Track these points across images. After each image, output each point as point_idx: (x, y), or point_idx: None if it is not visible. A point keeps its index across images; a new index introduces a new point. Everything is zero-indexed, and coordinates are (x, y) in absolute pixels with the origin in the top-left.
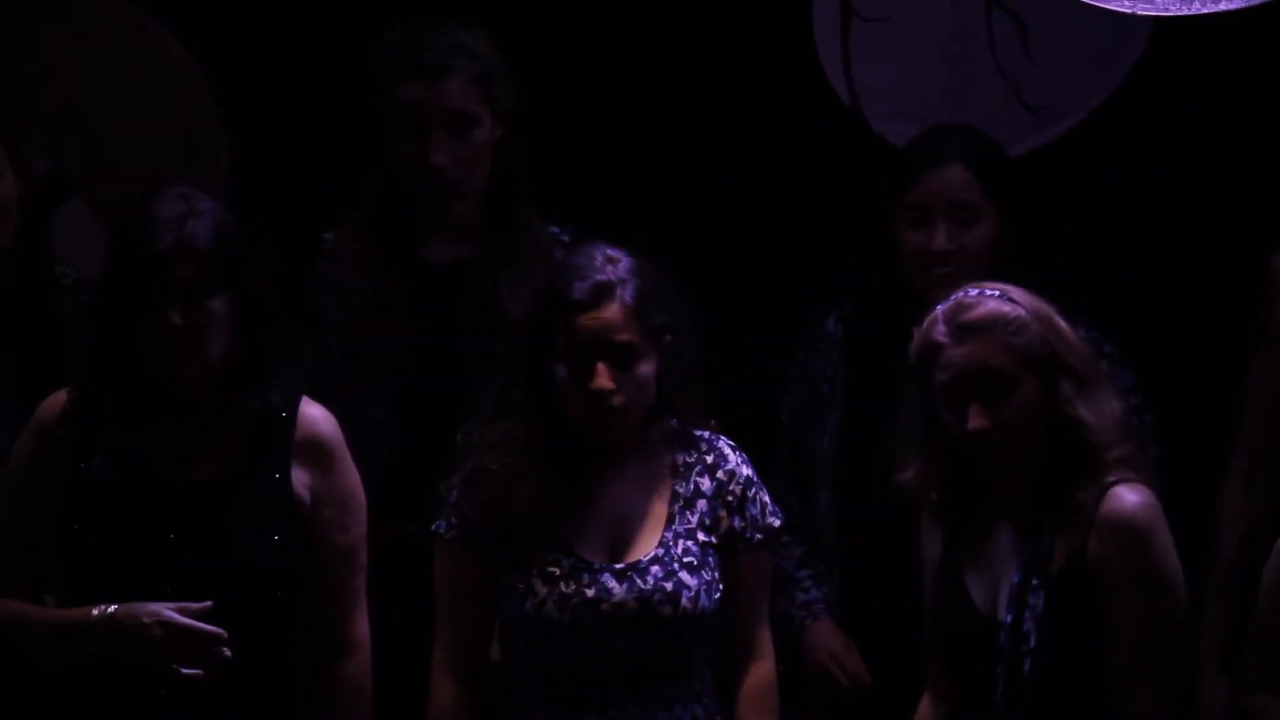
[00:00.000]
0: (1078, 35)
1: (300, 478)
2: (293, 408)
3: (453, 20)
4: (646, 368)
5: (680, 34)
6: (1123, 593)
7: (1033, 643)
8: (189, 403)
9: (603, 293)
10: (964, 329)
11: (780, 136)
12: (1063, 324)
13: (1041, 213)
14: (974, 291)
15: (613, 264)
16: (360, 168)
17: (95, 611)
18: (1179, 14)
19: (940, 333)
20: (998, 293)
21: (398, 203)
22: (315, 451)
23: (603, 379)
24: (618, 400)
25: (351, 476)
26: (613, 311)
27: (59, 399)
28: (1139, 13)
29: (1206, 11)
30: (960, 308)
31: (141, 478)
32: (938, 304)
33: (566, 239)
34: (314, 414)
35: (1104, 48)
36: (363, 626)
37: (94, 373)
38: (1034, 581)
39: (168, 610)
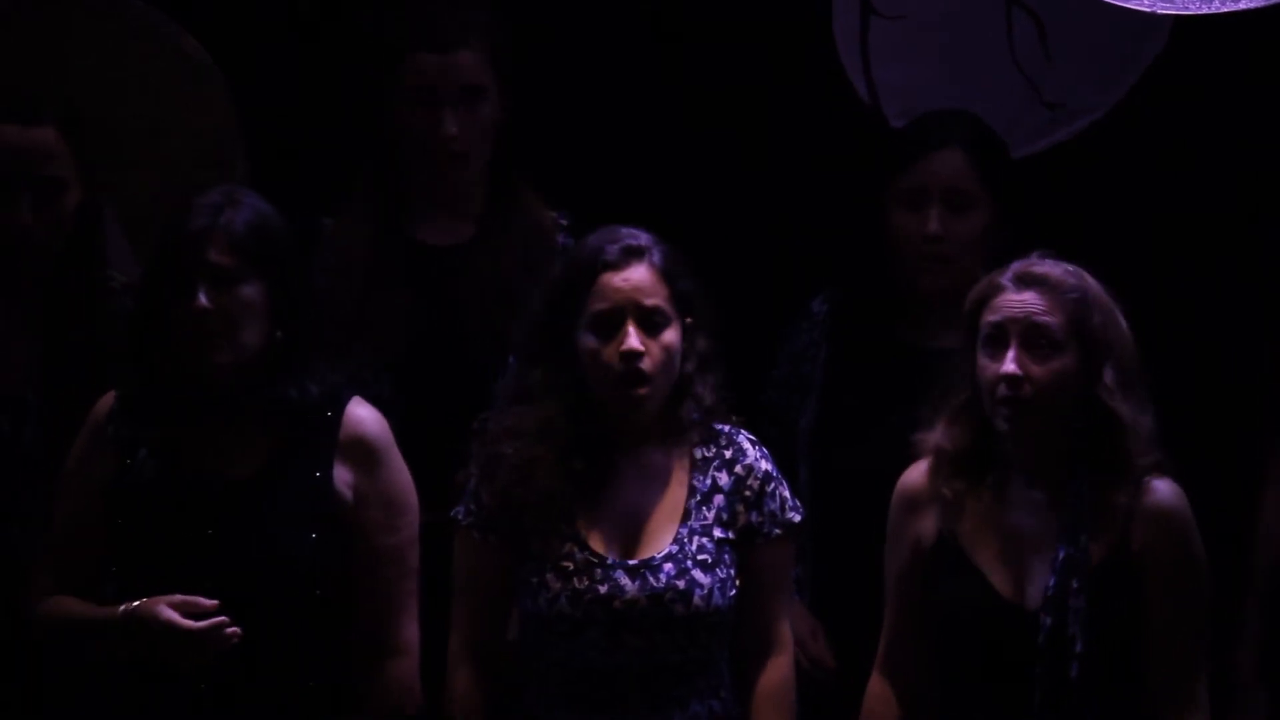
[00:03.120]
0: (1096, 33)
1: (343, 477)
2: (338, 407)
3: None
4: (672, 336)
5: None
6: (1170, 582)
7: (1079, 647)
8: (228, 397)
9: (633, 254)
10: (1028, 278)
11: (775, 127)
12: (1124, 322)
13: (1041, 208)
14: (1048, 257)
15: (636, 235)
16: (354, 148)
17: (122, 608)
18: (1198, 13)
19: (1005, 278)
20: (1072, 268)
21: (396, 182)
22: (360, 451)
23: (633, 339)
24: (647, 364)
25: (401, 477)
26: (642, 273)
27: (110, 398)
28: (1158, 11)
29: (1225, 10)
30: (1031, 263)
31: (182, 475)
32: (925, 291)
33: (565, 222)
34: (361, 414)
35: (1122, 46)
36: (411, 629)
37: (135, 364)
38: (1074, 584)
39: (174, 617)
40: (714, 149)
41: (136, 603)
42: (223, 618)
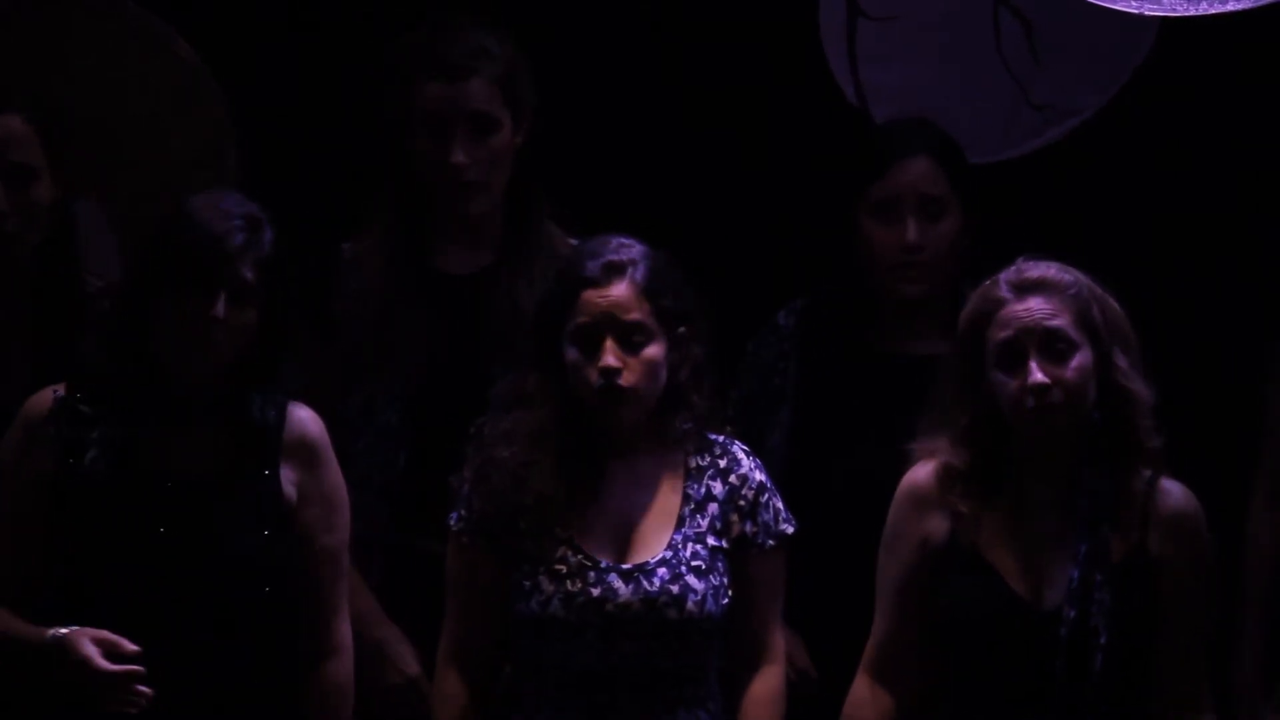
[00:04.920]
0: (1084, 35)
1: (288, 476)
2: (280, 407)
3: (475, 21)
4: (655, 351)
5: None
6: (1185, 584)
7: (1103, 639)
8: (186, 402)
9: (613, 270)
10: (1026, 285)
11: (769, 130)
12: (1116, 305)
13: (1036, 209)
14: (1033, 260)
15: (626, 248)
16: (373, 173)
17: (50, 633)
18: (1185, 14)
19: (1001, 290)
20: (1056, 264)
21: (414, 209)
22: (303, 451)
23: (609, 356)
24: (625, 380)
25: (336, 477)
26: (621, 289)
27: (45, 397)
28: (1145, 13)
29: (1213, 12)
30: (1022, 270)
31: (132, 474)
32: (903, 300)
33: None
34: (302, 415)
35: (1110, 47)
36: (345, 628)
37: (108, 355)
38: (1098, 577)
39: (92, 653)
40: (709, 152)
41: (65, 630)
42: (136, 666)
